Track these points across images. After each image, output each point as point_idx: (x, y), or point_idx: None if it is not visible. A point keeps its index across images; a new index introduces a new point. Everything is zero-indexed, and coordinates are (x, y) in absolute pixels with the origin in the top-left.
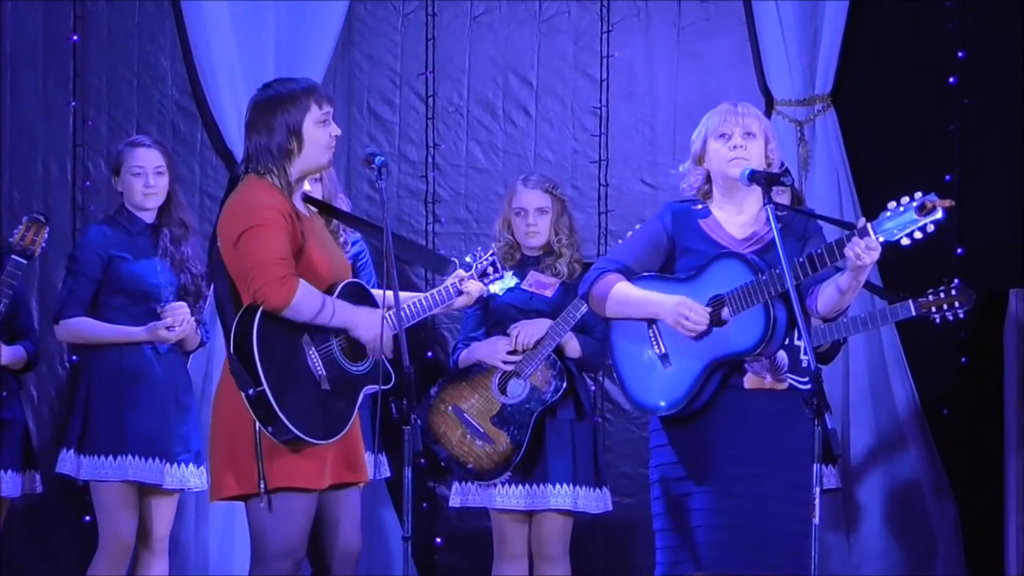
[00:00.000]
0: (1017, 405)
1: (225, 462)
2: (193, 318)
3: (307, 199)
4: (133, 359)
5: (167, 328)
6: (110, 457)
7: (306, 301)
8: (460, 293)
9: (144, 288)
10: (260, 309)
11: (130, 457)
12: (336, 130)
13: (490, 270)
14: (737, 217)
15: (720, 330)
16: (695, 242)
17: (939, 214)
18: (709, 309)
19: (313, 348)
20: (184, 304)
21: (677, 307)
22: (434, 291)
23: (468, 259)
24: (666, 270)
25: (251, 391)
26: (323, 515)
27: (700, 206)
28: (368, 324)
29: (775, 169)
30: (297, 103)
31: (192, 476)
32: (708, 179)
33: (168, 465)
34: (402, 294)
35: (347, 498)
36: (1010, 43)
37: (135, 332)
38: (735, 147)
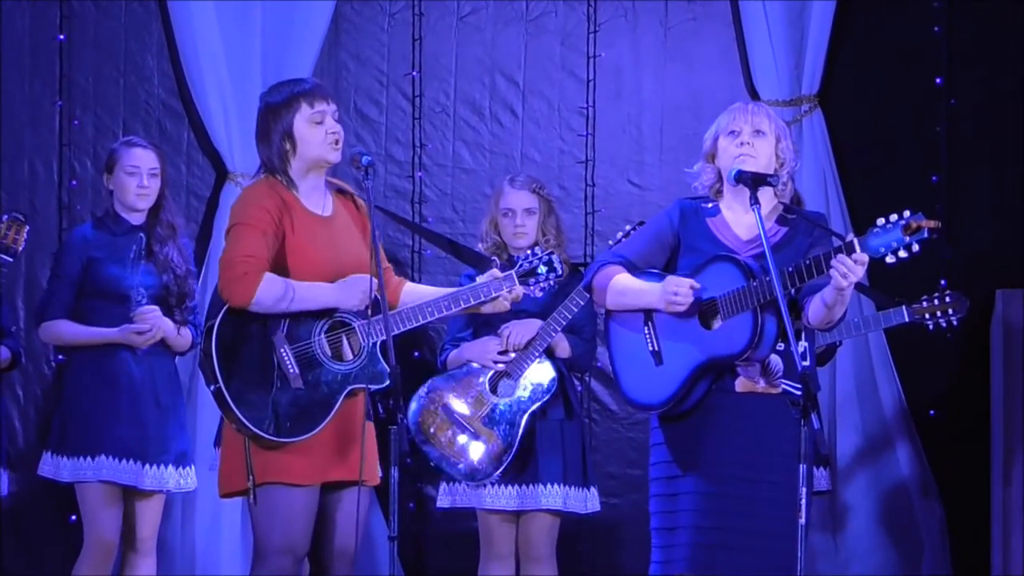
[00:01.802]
0: (1003, 406)
1: (226, 459)
2: (174, 320)
3: (341, 192)
4: (111, 361)
5: (138, 333)
6: (87, 458)
7: (270, 294)
8: (492, 292)
9: (122, 291)
10: (225, 307)
11: (105, 458)
12: (333, 126)
13: (542, 268)
14: (745, 217)
15: (711, 333)
16: (699, 241)
17: (924, 234)
18: (695, 284)
19: (287, 346)
20: (156, 308)
21: (664, 288)
22: (455, 292)
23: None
24: (670, 267)
25: (211, 387)
26: (321, 513)
27: (711, 204)
28: (346, 296)
29: (788, 168)
30: (289, 106)
31: (172, 477)
32: (720, 177)
33: (145, 466)
34: (416, 286)
35: (346, 497)
36: (996, 44)
37: (109, 333)
38: (742, 144)
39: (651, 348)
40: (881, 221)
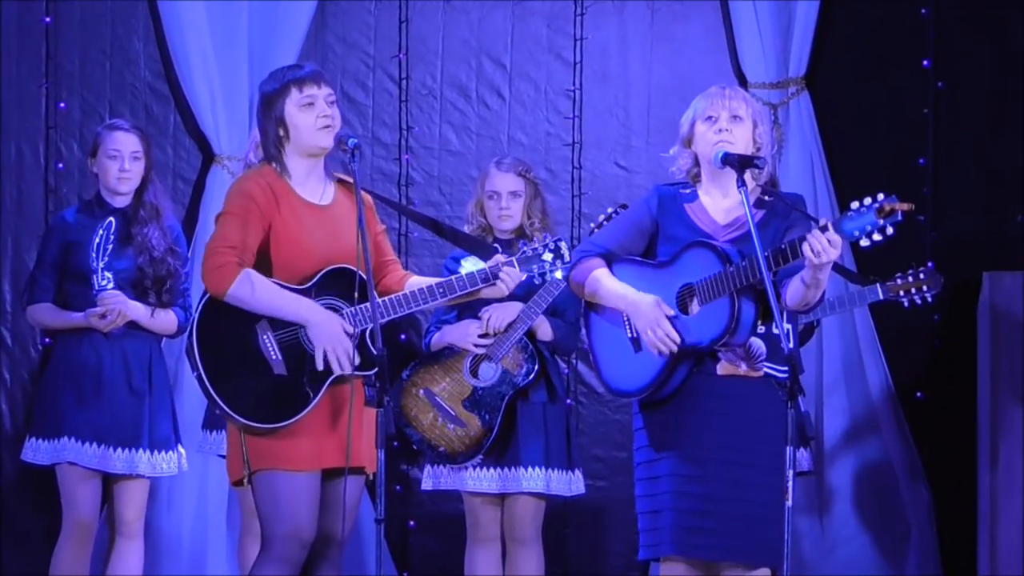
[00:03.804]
0: (990, 388)
1: (229, 447)
2: (148, 303)
3: (341, 181)
4: (84, 346)
5: (100, 316)
6: (55, 440)
7: (245, 291)
8: (487, 279)
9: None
10: (208, 294)
11: (68, 440)
12: (325, 110)
13: (548, 255)
14: (723, 201)
15: (688, 319)
16: (677, 227)
17: (899, 217)
18: (674, 319)
19: (269, 333)
20: (119, 293)
21: (648, 319)
22: (450, 279)
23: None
24: (649, 253)
25: (195, 374)
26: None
27: (688, 190)
28: (322, 329)
29: (764, 153)
30: (281, 93)
31: (145, 461)
32: (697, 162)
33: (117, 450)
34: (421, 279)
35: (339, 484)
36: (983, 26)
37: (75, 318)
38: (720, 131)
39: (630, 335)
40: (855, 205)
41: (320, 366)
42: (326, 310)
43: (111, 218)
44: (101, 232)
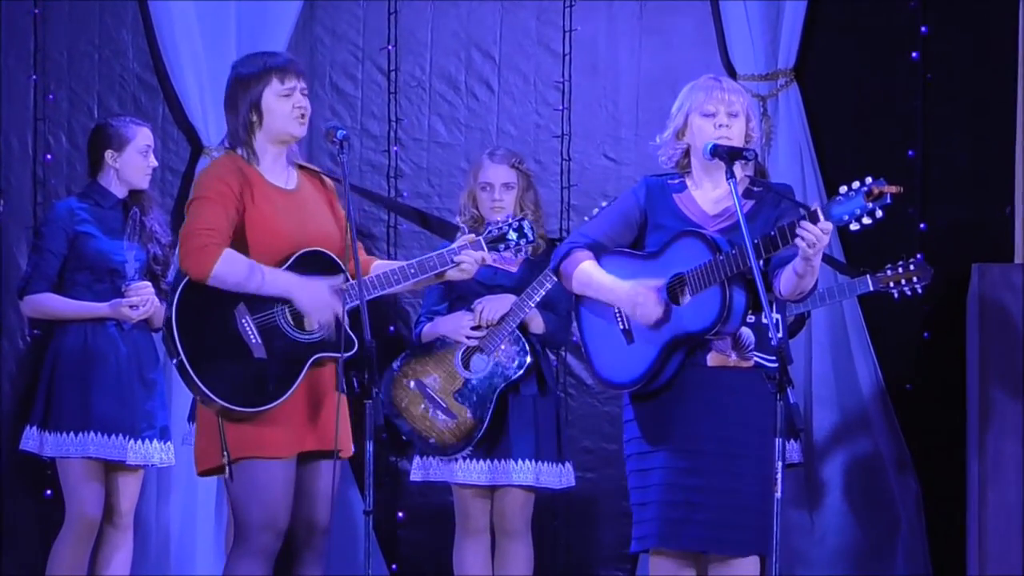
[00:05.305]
0: (979, 380)
1: (201, 435)
2: (157, 298)
3: (303, 168)
4: (97, 336)
5: (131, 307)
6: (72, 434)
7: (228, 270)
8: (454, 259)
9: (110, 265)
10: (185, 279)
11: (92, 434)
12: (301, 101)
13: (512, 235)
14: (713, 192)
15: (679, 309)
16: (666, 218)
17: (887, 200)
18: (660, 292)
19: (248, 316)
20: (149, 284)
21: (630, 296)
22: (421, 258)
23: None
24: (638, 245)
25: (174, 360)
26: (295, 486)
27: (677, 180)
28: (307, 295)
29: (753, 145)
30: (259, 79)
31: (157, 452)
32: (687, 152)
33: (132, 441)
34: (386, 262)
35: (318, 469)
36: (972, 19)
37: (99, 308)
38: (720, 126)
39: (621, 327)
40: (843, 189)
41: (315, 332)
42: (310, 280)
43: (136, 208)
44: (131, 223)
